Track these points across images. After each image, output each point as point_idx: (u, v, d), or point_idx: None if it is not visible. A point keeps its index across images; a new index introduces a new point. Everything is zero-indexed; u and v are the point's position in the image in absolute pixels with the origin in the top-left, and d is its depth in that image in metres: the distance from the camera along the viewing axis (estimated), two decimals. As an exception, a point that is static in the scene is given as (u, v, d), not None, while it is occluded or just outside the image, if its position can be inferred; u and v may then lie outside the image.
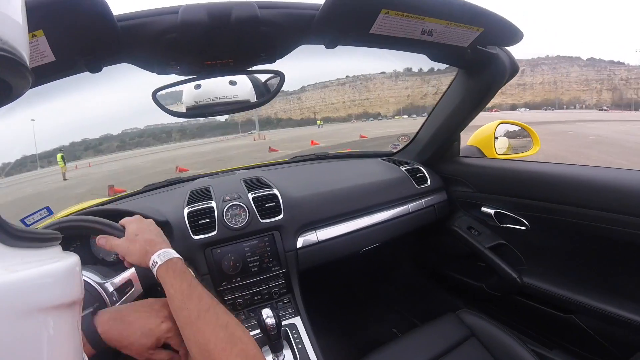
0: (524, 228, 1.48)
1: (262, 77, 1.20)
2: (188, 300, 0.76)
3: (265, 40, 1.00)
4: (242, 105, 1.16)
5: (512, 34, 1.15)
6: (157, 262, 0.82)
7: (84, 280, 0.89)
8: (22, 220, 1.37)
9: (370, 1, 0.91)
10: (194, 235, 1.26)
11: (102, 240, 0.92)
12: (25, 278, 0.33)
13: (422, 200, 1.69)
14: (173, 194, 1.53)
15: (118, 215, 1.04)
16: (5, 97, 0.38)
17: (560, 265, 1.44)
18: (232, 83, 1.14)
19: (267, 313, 1.07)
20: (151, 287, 0.96)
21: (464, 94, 1.52)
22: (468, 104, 1.53)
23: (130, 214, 1.22)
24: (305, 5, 0.98)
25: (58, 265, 0.38)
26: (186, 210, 1.31)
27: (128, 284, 0.94)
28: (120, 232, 0.92)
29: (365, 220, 1.53)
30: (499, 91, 1.47)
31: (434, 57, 1.29)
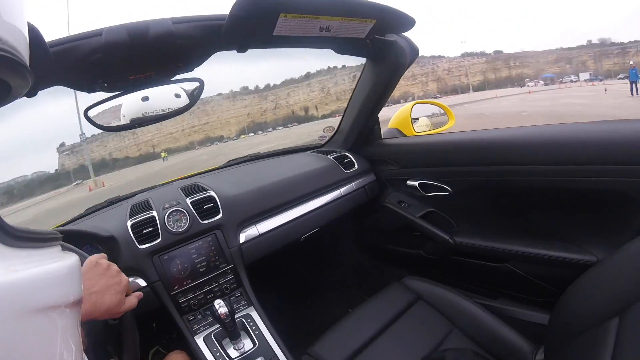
0: (447, 193, 1.61)
1: (189, 88, 1.29)
2: None
3: (181, 52, 1.08)
4: (175, 113, 1.24)
5: (404, 22, 1.28)
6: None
7: None
8: None
9: (268, 8, 1.01)
10: (139, 245, 1.29)
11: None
12: (25, 278, 0.33)
13: (353, 184, 1.80)
14: (115, 211, 1.55)
15: (71, 235, 1.09)
16: (4, 97, 0.39)
17: (486, 221, 1.57)
18: (177, 96, 1.22)
19: (219, 303, 1.13)
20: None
21: (373, 80, 1.65)
22: (378, 88, 1.67)
23: (77, 233, 1.25)
24: (213, 17, 1.08)
25: (58, 265, 0.39)
26: (129, 223, 1.33)
27: None
28: None
29: (301, 209, 1.62)
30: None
31: (339, 50, 1.41)
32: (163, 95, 1.22)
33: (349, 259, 2.40)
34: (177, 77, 1.21)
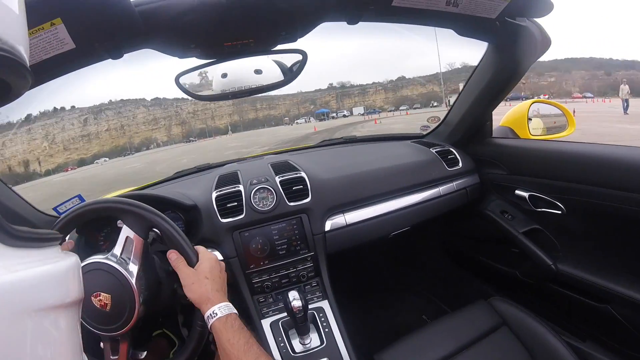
0: (560, 212, 1.40)
1: (287, 61, 1.20)
2: (244, 355, 0.79)
3: (285, 18, 0.99)
4: (266, 89, 1.17)
5: (542, 4, 1.11)
6: (216, 314, 0.85)
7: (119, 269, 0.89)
8: (55, 209, 1.41)
9: None
10: (222, 218, 1.27)
11: (173, 256, 0.94)
12: (25, 278, 0.34)
13: (454, 183, 1.64)
14: (202, 179, 1.55)
15: (153, 200, 1.05)
16: (4, 97, 0.39)
17: (597, 252, 1.37)
18: (258, 72, 1.15)
19: (293, 295, 1.07)
20: None
21: (494, 70, 1.46)
22: (499, 81, 1.48)
23: (161, 199, 1.24)
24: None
25: (58, 266, 0.39)
26: (214, 194, 1.32)
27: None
28: (193, 260, 0.94)
29: (394, 203, 1.50)
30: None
31: (461, 32, 1.25)
32: (241, 72, 1.15)
33: (432, 264, 2.27)
34: (278, 47, 1.13)
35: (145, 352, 0.98)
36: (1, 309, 0.31)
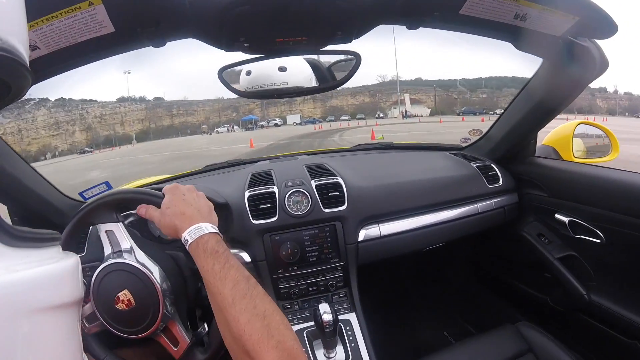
0: (599, 241, 1.35)
1: (327, 62, 1.15)
2: (221, 284, 0.71)
3: (342, 17, 0.94)
4: (306, 92, 1.13)
5: (608, 26, 1.05)
6: (187, 241, 0.77)
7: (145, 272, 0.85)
8: (81, 194, 1.38)
9: None
10: (253, 219, 1.24)
11: (141, 210, 0.88)
12: (25, 278, 0.34)
13: (492, 201, 1.58)
14: (233, 175, 1.52)
15: None
16: (4, 97, 0.39)
17: (632, 286, 1.31)
18: (282, 69, 1.10)
19: (324, 308, 1.03)
20: None
21: (547, 89, 1.39)
22: (551, 100, 1.41)
23: None
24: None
25: (58, 266, 0.40)
26: (247, 194, 1.28)
27: (174, 340, 0.90)
28: (160, 200, 0.87)
29: (431, 217, 1.45)
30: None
31: (520, 46, 1.19)
32: (263, 69, 1.10)
33: (460, 283, 2.22)
34: (330, 47, 1.08)
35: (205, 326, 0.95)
36: (1, 309, 0.31)
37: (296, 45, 1.03)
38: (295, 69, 1.13)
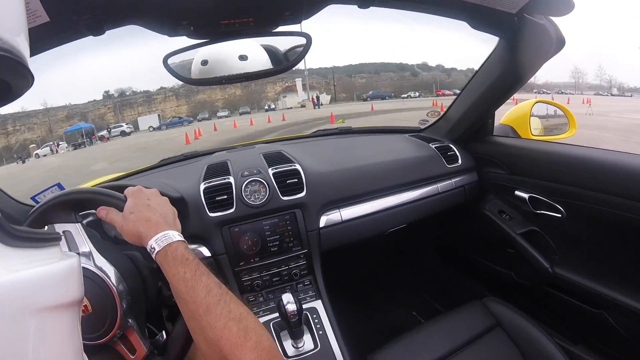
0: (559, 215, 1.38)
1: (282, 46, 1.12)
2: (193, 292, 0.69)
3: None
4: (257, 75, 1.08)
5: (564, 3, 1.06)
6: (154, 249, 0.74)
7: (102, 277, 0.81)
8: (33, 198, 1.32)
9: None
10: (210, 212, 1.20)
11: (102, 212, 0.83)
12: (25, 278, 0.34)
13: (452, 181, 1.60)
14: (189, 168, 1.48)
15: None
16: (4, 97, 0.38)
17: (595, 258, 1.34)
18: (243, 58, 1.06)
19: (287, 298, 1.01)
20: None
21: (503, 68, 1.41)
22: (507, 79, 1.43)
23: None
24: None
25: (58, 266, 0.39)
26: (202, 186, 1.25)
27: (131, 348, 0.86)
28: (122, 203, 0.82)
29: (392, 200, 1.45)
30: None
31: (475, 25, 1.19)
32: (224, 58, 1.06)
33: (426, 263, 2.24)
34: (280, 28, 1.05)
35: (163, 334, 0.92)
36: (1, 309, 0.31)
37: (243, 28, 0.99)
38: (255, 58, 1.09)
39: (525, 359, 1.18)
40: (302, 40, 1.04)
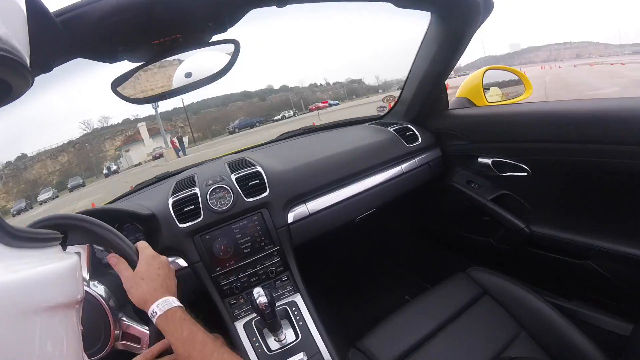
0: (526, 174, 1.40)
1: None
2: (191, 347, 0.78)
3: (208, 9, 0.95)
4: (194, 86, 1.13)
5: None
6: (156, 313, 0.82)
7: (92, 294, 0.88)
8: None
9: None
10: (180, 223, 1.24)
11: (112, 260, 0.90)
12: (25, 278, 0.34)
13: (415, 159, 1.62)
14: (160, 188, 1.51)
15: (109, 214, 1.01)
16: (5, 97, 0.39)
17: (569, 209, 1.35)
18: (188, 75, 1.11)
19: (258, 292, 1.03)
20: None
21: (439, 40, 1.44)
22: (446, 50, 1.46)
23: (117, 212, 1.20)
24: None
25: (58, 266, 0.40)
26: (170, 200, 1.29)
27: (135, 339, 0.92)
28: (133, 260, 0.90)
29: (357, 187, 1.48)
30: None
31: (399, 3, 1.21)
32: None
33: (407, 244, 2.26)
34: (214, 39, 1.08)
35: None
36: (1, 309, 0.31)
37: (174, 44, 1.03)
38: (199, 72, 1.13)
39: (517, 321, 1.19)
40: (231, 46, 1.10)
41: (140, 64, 1.07)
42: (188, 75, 1.12)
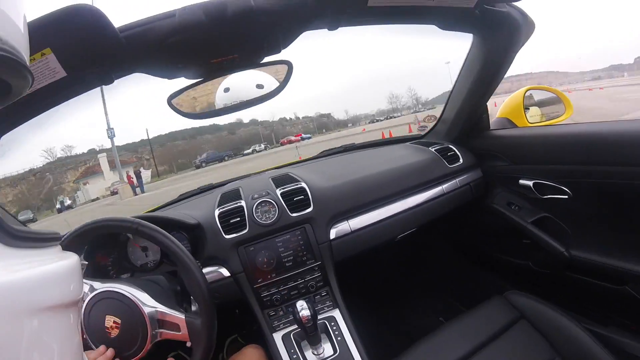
0: (567, 197, 1.38)
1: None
2: None
3: (265, 31, 0.99)
4: (256, 102, 1.16)
5: None
6: None
7: (131, 298, 0.93)
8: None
9: None
10: (225, 234, 1.28)
11: None
12: (25, 278, 0.34)
13: (457, 180, 1.62)
14: (205, 199, 1.56)
15: (159, 222, 1.06)
16: (4, 97, 0.39)
17: (609, 233, 1.32)
18: (260, 87, 1.15)
19: (301, 305, 1.07)
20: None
21: (482, 61, 1.45)
22: (488, 70, 1.46)
23: (166, 220, 1.26)
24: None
25: (58, 266, 0.39)
26: (217, 212, 1.33)
27: (174, 326, 0.96)
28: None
29: (398, 206, 1.49)
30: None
31: (443, 26, 1.23)
32: (243, 85, 1.15)
33: (444, 264, 2.23)
34: (265, 60, 1.13)
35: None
36: (1, 309, 0.31)
37: (230, 63, 1.08)
38: (270, 86, 1.18)
39: (553, 347, 1.16)
40: (284, 68, 1.14)
41: (196, 81, 1.12)
42: (260, 87, 1.16)
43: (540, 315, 1.24)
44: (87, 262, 1.09)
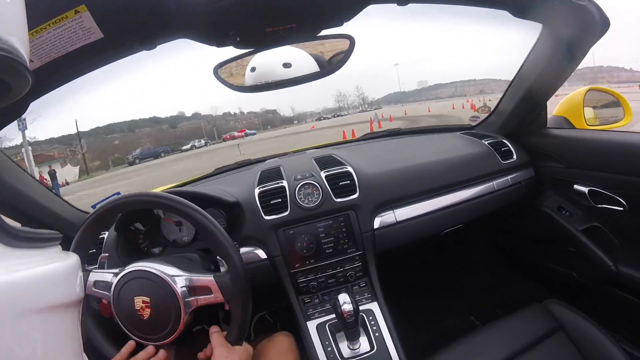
0: (622, 209, 1.29)
1: (327, 52, 1.13)
2: None
3: (329, 1, 0.93)
4: (303, 80, 1.10)
5: None
6: None
7: (157, 273, 0.89)
8: (94, 207, 1.42)
9: None
10: (265, 215, 1.24)
11: (215, 333, 0.94)
12: (25, 278, 0.34)
13: (508, 177, 1.53)
14: (243, 175, 1.52)
15: (194, 197, 1.01)
16: (4, 97, 0.39)
17: None
18: (287, 66, 1.08)
19: (344, 299, 1.02)
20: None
21: (550, 54, 1.35)
22: (556, 66, 1.37)
23: (203, 196, 1.23)
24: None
25: (58, 266, 0.40)
26: (257, 191, 1.28)
27: (205, 290, 0.92)
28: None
29: (447, 199, 1.42)
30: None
31: (516, 12, 1.16)
32: (269, 66, 1.09)
33: (483, 264, 2.16)
34: (324, 32, 1.05)
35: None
36: (1, 309, 0.31)
37: (287, 34, 1.02)
38: (299, 64, 1.11)
39: None
40: (344, 45, 1.06)
41: (247, 50, 1.06)
42: (287, 66, 1.09)
43: (579, 328, 1.19)
44: (107, 254, 1.04)
